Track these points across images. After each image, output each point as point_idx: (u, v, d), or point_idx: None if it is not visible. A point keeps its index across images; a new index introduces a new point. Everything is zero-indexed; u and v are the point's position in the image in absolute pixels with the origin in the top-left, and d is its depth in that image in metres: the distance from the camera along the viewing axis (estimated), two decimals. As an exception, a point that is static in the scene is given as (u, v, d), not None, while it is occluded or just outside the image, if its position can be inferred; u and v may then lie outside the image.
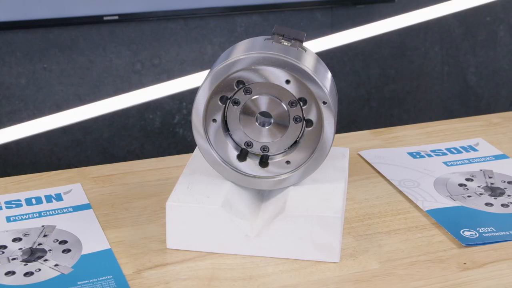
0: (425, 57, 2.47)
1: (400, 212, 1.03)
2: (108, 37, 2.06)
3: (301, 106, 0.92)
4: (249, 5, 2.15)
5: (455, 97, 2.57)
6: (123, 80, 2.12)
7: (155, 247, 0.94)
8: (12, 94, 1.99)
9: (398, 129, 1.32)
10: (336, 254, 0.90)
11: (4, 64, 1.96)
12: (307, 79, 0.90)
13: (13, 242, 0.94)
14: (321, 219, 0.89)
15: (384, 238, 0.96)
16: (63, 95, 2.05)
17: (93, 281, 0.86)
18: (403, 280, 0.88)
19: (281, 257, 0.92)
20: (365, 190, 1.09)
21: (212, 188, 0.95)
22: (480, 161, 1.19)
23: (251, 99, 0.93)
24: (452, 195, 1.07)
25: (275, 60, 0.90)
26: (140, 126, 2.20)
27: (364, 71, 2.42)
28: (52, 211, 1.01)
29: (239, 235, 0.91)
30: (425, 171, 1.15)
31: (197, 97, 0.92)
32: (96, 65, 2.07)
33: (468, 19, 2.48)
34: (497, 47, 2.56)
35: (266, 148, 0.95)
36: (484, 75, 2.58)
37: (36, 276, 0.87)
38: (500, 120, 1.36)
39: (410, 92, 2.50)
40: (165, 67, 2.15)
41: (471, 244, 0.95)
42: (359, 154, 1.21)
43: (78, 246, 0.93)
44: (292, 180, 0.95)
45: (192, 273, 0.88)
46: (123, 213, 1.02)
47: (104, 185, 1.10)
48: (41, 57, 1.99)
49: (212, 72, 0.92)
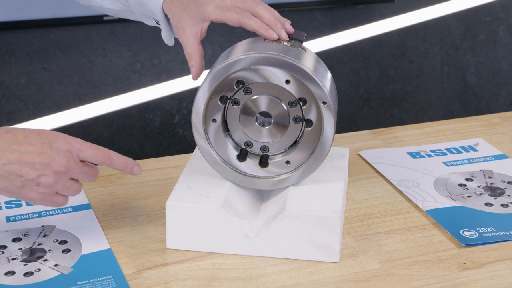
0: (425, 57, 2.47)
1: (400, 212, 1.03)
2: (108, 37, 2.06)
3: (301, 106, 0.92)
4: (249, 5, 2.15)
5: (455, 97, 2.57)
6: (123, 80, 2.12)
7: (155, 247, 0.94)
8: (12, 94, 1.99)
9: (398, 129, 1.32)
10: (336, 254, 0.90)
11: (4, 64, 1.96)
12: (307, 79, 0.90)
13: (13, 242, 0.94)
14: (321, 219, 0.89)
15: (384, 238, 0.96)
16: (63, 95, 2.05)
17: (93, 281, 0.86)
18: (403, 280, 0.88)
19: (281, 257, 0.92)
20: (365, 190, 1.09)
21: (212, 188, 0.95)
22: (480, 161, 1.19)
23: (251, 99, 0.93)
24: (452, 195, 1.07)
25: (275, 60, 0.90)
26: (140, 126, 2.20)
27: (364, 71, 2.42)
28: (52, 211, 1.01)
29: (239, 235, 0.91)
30: (425, 171, 1.15)
31: (197, 97, 0.92)
32: (96, 65, 2.06)
33: (468, 19, 2.48)
34: (497, 47, 2.56)
35: (266, 148, 0.95)
36: (484, 75, 2.58)
37: (36, 276, 0.87)
38: (499, 120, 1.36)
39: (410, 92, 2.50)
40: (165, 67, 2.15)
41: (471, 244, 0.94)
42: (359, 154, 1.21)
43: (78, 246, 0.93)
44: (292, 180, 0.95)
45: (192, 273, 0.88)
46: (123, 213, 1.02)
47: (104, 185, 1.10)
48: (41, 57, 1.99)
49: (212, 72, 0.92)
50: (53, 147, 0.85)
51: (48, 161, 0.84)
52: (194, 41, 0.96)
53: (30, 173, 0.84)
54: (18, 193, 0.85)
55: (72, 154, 0.86)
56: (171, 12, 0.99)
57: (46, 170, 0.84)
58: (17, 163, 0.83)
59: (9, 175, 0.83)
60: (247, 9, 0.95)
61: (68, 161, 0.85)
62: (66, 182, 0.86)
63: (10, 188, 0.85)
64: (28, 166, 0.83)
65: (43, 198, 0.86)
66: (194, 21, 0.95)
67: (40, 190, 0.85)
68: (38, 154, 0.84)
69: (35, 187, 0.85)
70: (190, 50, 0.95)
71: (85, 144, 0.87)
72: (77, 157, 0.86)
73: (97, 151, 0.88)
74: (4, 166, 0.83)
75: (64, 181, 0.86)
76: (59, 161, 0.84)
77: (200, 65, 0.95)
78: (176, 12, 0.98)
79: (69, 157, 0.85)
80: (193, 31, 0.96)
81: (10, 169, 0.83)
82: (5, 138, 0.84)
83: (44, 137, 0.85)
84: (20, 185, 0.84)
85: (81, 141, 0.87)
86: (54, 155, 0.84)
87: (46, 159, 0.84)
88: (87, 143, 0.87)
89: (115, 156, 0.89)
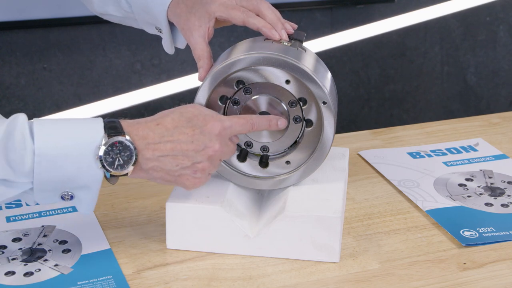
0: (425, 57, 2.47)
1: (400, 212, 1.03)
2: (108, 37, 2.06)
3: (301, 106, 0.92)
4: (249, 5, 2.15)
5: (455, 97, 2.57)
6: (123, 80, 2.12)
7: (155, 247, 0.94)
8: (12, 94, 1.99)
9: (398, 129, 1.32)
10: (336, 254, 0.90)
11: (4, 64, 1.96)
12: (307, 79, 0.90)
13: (13, 242, 0.94)
14: (321, 219, 0.89)
15: (384, 238, 0.96)
16: (63, 95, 2.05)
17: (93, 281, 0.86)
18: (403, 280, 0.88)
19: (281, 257, 0.92)
20: (365, 190, 1.09)
21: (212, 188, 0.95)
22: (480, 161, 1.19)
23: (251, 99, 0.93)
24: (452, 195, 1.07)
25: (275, 60, 0.90)
26: (140, 126, 2.20)
27: (364, 71, 2.42)
28: (52, 211, 1.01)
29: (239, 235, 0.91)
30: (425, 171, 1.15)
31: (197, 97, 0.92)
32: (96, 65, 2.06)
33: (468, 19, 2.48)
34: (497, 47, 2.56)
35: (266, 148, 0.95)
36: (484, 75, 2.58)
37: (36, 276, 0.87)
38: (499, 120, 1.36)
39: (410, 92, 2.50)
40: (165, 67, 2.15)
41: (471, 244, 0.94)
42: (359, 154, 1.21)
43: (78, 246, 0.93)
44: (292, 180, 0.95)
45: (192, 273, 0.88)
46: (123, 213, 1.02)
47: (104, 185, 1.09)
48: (41, 57, 1.99)
49: (212, 72, 0.92)
50: (205, 132, 0.85)
51: (202, 147, 0.85)
52: (202, 43, 0.96)
53: (185, 161, 0.85)
54: (174, 181, 0.87)
55: (223, 137, 0.87)
56: (177, 15, 0.99)
57: (200, 156, 0.85)
58: (171, 154, 0.84)
59: (164, 166, 0.85)
60: (251, 8, 0.96)
61: (220, 145, 0.86)
62: (217, 163, 0.89)
63: (166, 177, 0.86)
64: (183, 155, 0.85)
65: (200, 181, 0.88)
66: (201, 22, 0.96)
67: (197, 176, 0.86)
68: (191, 142, 0.85)
69: (193, 174, 0.86)
70: (199, 52, 0.96)
71: (234, 120, 0.88)
72: (228, 136, 0.88)
73: (244, 121, 0.89)
74: (160, 158, 0.84)
75: (216, 162, 0.88)
76: (212, 146, 0.86)
77: (208, 66, 0.96)
78: (182, 14, 0.98)
79: (220, 140, 0.86)
80: (201, 32, 0.96)
81: (165, 160, 0.84)
82: (156, 131, 0.85)
83: (194, 124, 0.86)
84: (177, 174, 0.86)
85: (230, 118, 0.88)
86: (206, 140, 0.85)
87: (199, 146, 0.85)
88: (234, 117, 0.88)
89: (258, 120, 0.90)
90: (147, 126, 0.85)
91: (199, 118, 0.86)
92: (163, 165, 0.85)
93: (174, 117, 0.86)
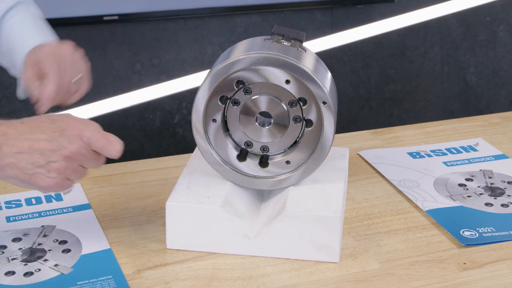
0: (425, 57, 2.47)
1: (400, 212, 1.03)
2: (108, 37, 2.06)
3: (301, 106, 0.92)
4: (248, 5, 2.15)
5: (455, 97, 2.57)
6: (123, 80, 2.12)
7: (155, 247, 0.94)
8: (12, 94, 1.99)
9: (398, 129, 1.32)
10: (336, 254, 0.90)
11: (4, 64, 1.96)
12: (307, 79, 0.90)
13: (13, 242, 0.94)
14: (321, 219, 0.89)
15: (384, 238, 0.96)
16: (63, 95, 2.05)
17: (93, 281, 0.86)
18: (403, 280, 0.88)
19: (281, 257, 0.92)
20: (365, 190, 1.09)
21: (212, 188, 0.95)
22: (480, 161, 1.19)
23: (251, 99, 0.93)
24: (452, 195, 1.07)
25: (275, 60, 0.90)
26: (139, 126, 2.20)
27: (364, 71, 2.42)
28: (52, 211, 1.01)
29: (239, 235, 0.91)
30: (425, 171, 1.15)
31: (197, 97, 0.92)
32: (96, 65, 2.06)
33: (468, 19, 2.48)
34: (497, 47, 2.56)
35: (266, 148, 0.95)
36: (484, 75, 2.58)
37: (36, 276, 0.87)
38: (499, 120, 1.36)
39: (410, 92, 2.50)
40: (165, 67, 2.15)
41: (471, 244, 0.94)
42: (359, 154, 1.21)
43: (78, 246, 0.93)
44: (292, 180, 0.95)
45: (192, 273, 0.88)
46: (123, 213, 1.02)
47: (104, 185, 1.10)
48: (41, 57, 1.99)
49: (212, 72, 0.92)
50: (65, 134, 0.85)
51: (59, 148, 0.85)
52: None
53: (41, 160, 0.84)
54: (28, 180, 0.86)
55: (83, 142, 0.86)
56: None
57: (56, 156, 0.85)
58: (27, 151, 0.84)
59: (19, 163, 0.84)
60: None
61: (79, 147, 0.86)
62: (76, 167, 0.87)
63: (20, 176, 0.85)
64: (39, 153, 0.84)
65: (55, 182, 0.86)
66: None
67: (51, 175, 0.86)
68: (49, 141, 0.84)
69: (47, 173, 0.85)
70: None
71: (96, 136, 0.86)
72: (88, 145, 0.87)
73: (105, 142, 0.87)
74: (16, 155, 0.84)
75: (74, 166, 0.87)
76: (69, 147, 0.85)
77: None
78: None
79: (80, 144, 0.86)
80: None
81: (20, 157, 0.84)
82: (18, 128, 0.85)
83: (57, 126, 0.86)
84: (31, 172, 0.85)
85: (92, 130, 0.86)
86: (65, 142, 0.85)
87: (56, 146, 0.85)
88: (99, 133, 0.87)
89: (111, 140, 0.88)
90: (12, 123, 0.86)
91: (64, 121, 0.86)
92: (18, 162, 0.84)
93: (41, 118, 0.87)
